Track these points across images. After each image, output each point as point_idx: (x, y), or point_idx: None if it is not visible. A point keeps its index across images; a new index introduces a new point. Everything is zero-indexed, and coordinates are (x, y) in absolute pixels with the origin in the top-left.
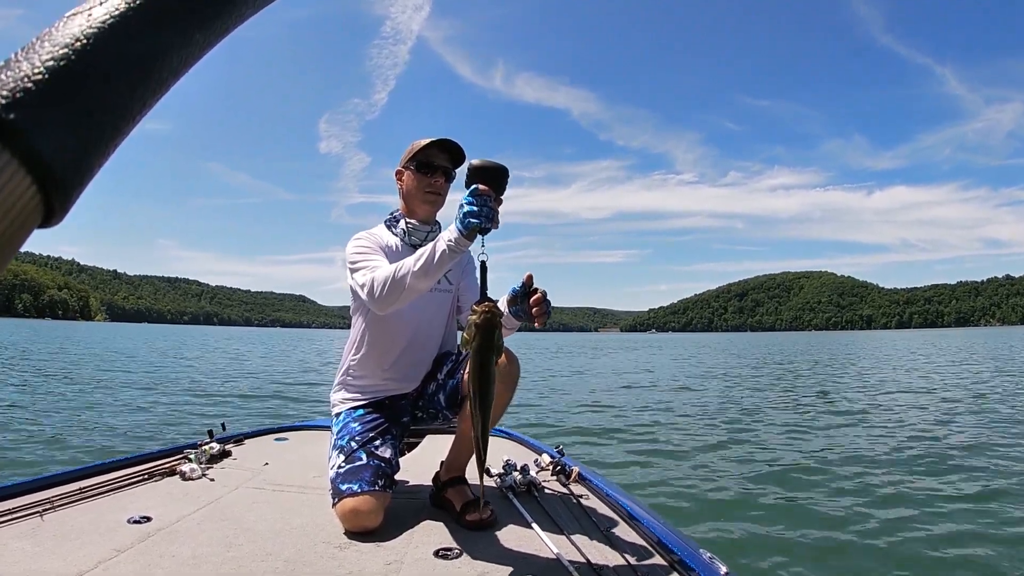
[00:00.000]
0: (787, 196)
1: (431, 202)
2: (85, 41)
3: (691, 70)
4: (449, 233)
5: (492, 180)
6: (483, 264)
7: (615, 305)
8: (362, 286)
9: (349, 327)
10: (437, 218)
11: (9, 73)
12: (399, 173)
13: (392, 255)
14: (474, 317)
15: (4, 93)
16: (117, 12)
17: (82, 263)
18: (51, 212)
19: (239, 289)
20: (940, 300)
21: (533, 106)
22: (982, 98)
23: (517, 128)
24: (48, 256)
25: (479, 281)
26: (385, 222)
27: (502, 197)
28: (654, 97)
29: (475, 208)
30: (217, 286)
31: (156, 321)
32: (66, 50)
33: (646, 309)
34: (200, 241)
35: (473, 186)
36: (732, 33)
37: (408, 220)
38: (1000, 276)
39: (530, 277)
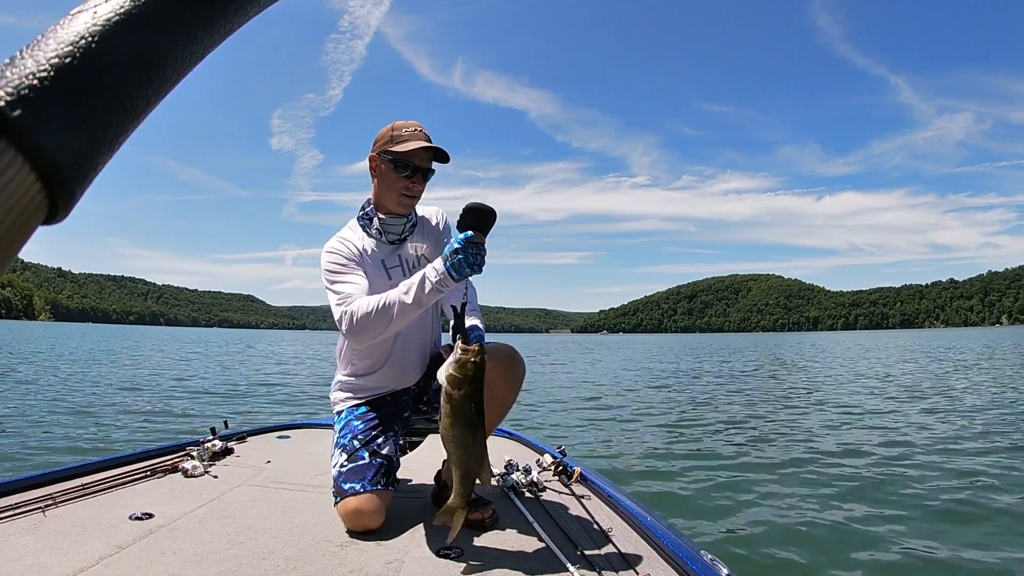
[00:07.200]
0: (739, 200)
1: (406, 204)
2: (90, 39)
3: (652, 75)
4: (436, 273)
5: (484, 223)
6: (463, 306)
7: (567, 306)
8: (338, 320)
9: (298, 328)
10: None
11: (14, 70)
12: (373, 160)
13: (369, 260)
14: (465, 360)
15: (9, 90)
16: (123, 10)
17: (26, 260)
18: (55, 209)
19: (186, 288)
20: (885, 303)
21: (491, 106)
22: (934, 108)
23: (475, 128)
24: None
25: (455, 318)
26: (358, 219)
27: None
28: (613, 100)
29: (471, 258)
30: (164, 285)
31: (101, 321)
32: (71, 47)
33: (597, 310)
34: (150, 239)
35: (469, 233)
36: (695, 40)
37: (380, 216)
38: (944, 280)
39: None
